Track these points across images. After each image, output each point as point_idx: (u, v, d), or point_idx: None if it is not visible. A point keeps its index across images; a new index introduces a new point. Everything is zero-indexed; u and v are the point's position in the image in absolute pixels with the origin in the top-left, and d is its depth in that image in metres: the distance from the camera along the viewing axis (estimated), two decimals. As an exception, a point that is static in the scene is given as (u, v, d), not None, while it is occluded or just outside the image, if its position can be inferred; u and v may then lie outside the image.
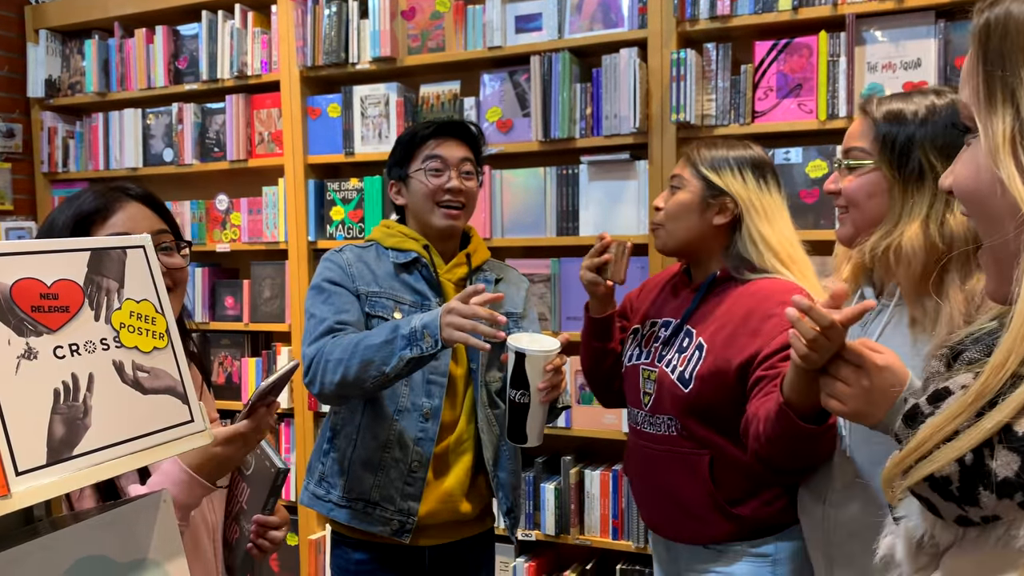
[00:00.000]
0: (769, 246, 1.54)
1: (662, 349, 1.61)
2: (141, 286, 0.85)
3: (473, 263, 1.79)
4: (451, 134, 1.76)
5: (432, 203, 1.72)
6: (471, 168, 1.77)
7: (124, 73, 3.27)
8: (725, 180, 1.56)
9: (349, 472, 1.71)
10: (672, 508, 1.57)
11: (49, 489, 0.71)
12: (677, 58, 2.36)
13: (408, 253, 1.73)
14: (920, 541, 0.62)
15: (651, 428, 1.61)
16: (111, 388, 0.79)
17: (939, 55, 2.18)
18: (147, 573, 0.85)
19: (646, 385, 1.62)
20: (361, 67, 2.84)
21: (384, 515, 1.69)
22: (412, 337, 1.53)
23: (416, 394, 1.69)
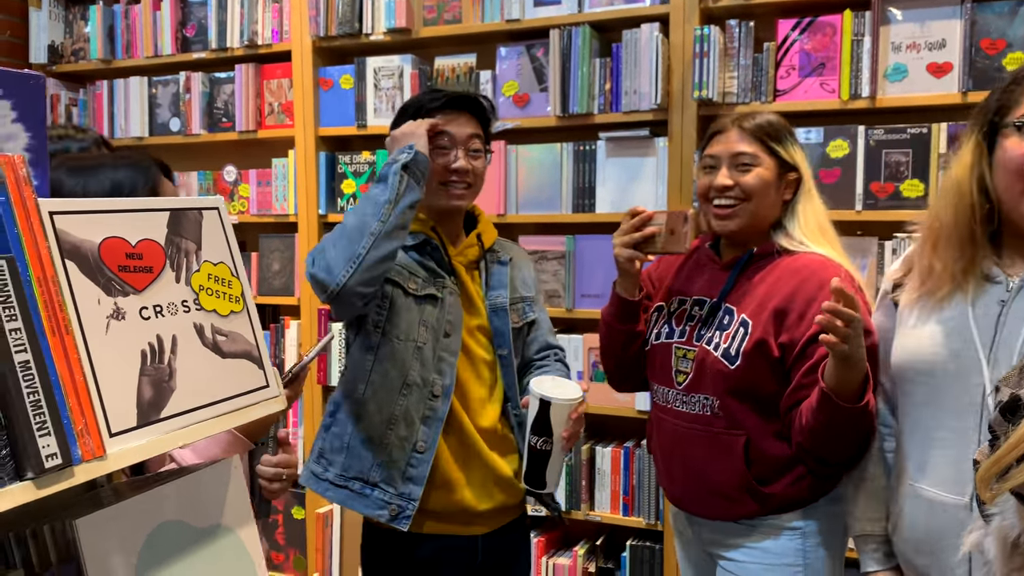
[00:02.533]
0: (818, 222, 1.56)
1: (700, 328, 1.57)
2: (217, 248, 0.84)
3: (485, 244, 1.71)
4: (460, 108, 1.64)
5: (437, 182, 1.61)
6: (480, 146, 1.65)
7: (130, 40, 3.20)
8: (791, 153, 1.55)
9: (349, 449, 1.60)
10: (701, 486, 1.56)
11: (141, 451, 0.70)
12: (700, 34, 2.35)
13: (417, 235, 1.63)
14: (1016, 541, 0.61)
15: (685, 407, 1.57)
16: (193, 351, 0.78)
17: (964, 36, 2.18)
18: (222, 539, 0.84)
19: (680, 364, 1.59)
20: (375, 38, 2.80)
21: (383, 498, 1.57)
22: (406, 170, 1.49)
23: (426, 369, 1.59)
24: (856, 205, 2.29)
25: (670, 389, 1.60)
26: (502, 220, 2.70)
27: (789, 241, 1.56)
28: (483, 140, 1.66)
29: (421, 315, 1.59)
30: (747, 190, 1.52)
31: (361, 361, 1.61)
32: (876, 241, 2.29)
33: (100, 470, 0.66)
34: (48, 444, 0.62)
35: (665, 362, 1.62)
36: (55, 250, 0.67)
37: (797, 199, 1.57)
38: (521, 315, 1.71)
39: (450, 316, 1.60)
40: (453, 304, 1.62)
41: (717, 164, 1.56)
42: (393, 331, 1.58)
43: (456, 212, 1.68)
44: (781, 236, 1.57)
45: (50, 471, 0.62)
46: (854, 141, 2.29)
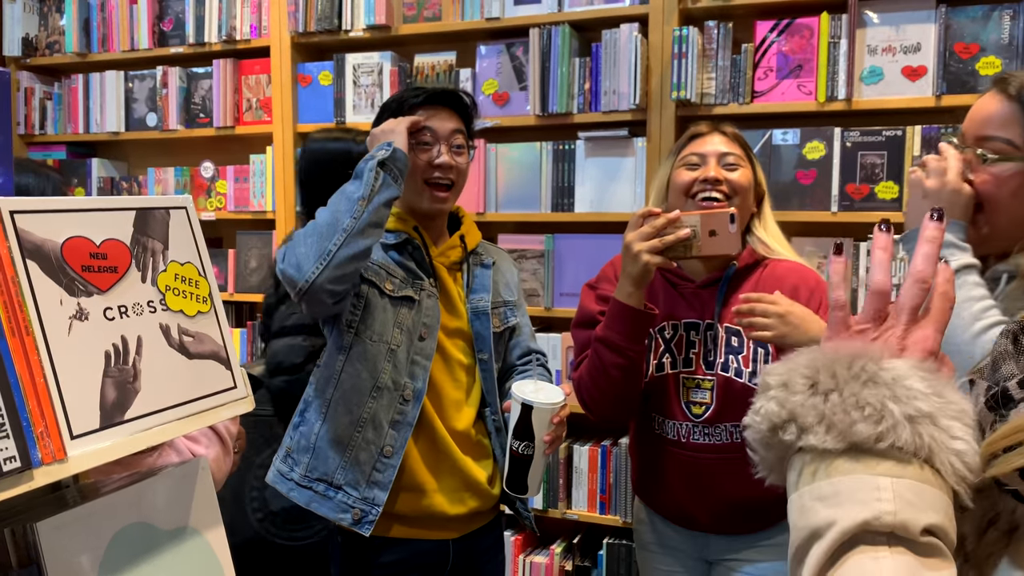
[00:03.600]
0: (777, 230, 1.64)
1: (706, 354, 1.53)
2: (184, 248, 0.83)
3: (468, 245, 1.67)
4: (442, 103, 1.60)
5: (419, 180, 1.57)
6: (462, 141, 1.61)
7: (106, 34, 3.16)
8: (756, 165, 1.62)
9: (315, 449, 1.56)
10: (727, 509, 1.54)
11: (103, 454, 0.69)
12: (679, 35, 2.36)
13: (399, 234, 1.59)
14: (993, 519, 0.62)
15: (708, 439, 1.53)
16: (158, 352, 0.77)
17: (939, 40, 2.21)
18: (189, 541, 0.83)
19: (692, 395, 1.55)
20: (354, 35, 2.79)
21: (346, 501, 1.53)
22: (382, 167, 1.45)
23: (399, 372, 1.54)
24: (832, 206, 2.31)
25: (684, 422, 1.54)
26: (481, 219, 2.70)
27: (765, 249, 1.60)
28: (466, 136, 1.63)
29: (396, 317, 1.55)
30: (735, 187, 1.55)
31: (333, 361, 1.58)
32: (851, 242, 2.31)
33: (61, 473, 0.65)
34: (6, 447, 0.61)
35: (672, 393, 1.56)
36: (15, 249, 0.66)
37: (763, 210, 1.64)
38: (503, 319, 1.68)
39: (426, 319, 1.57)
40: (431, 307, 1.58)
41: (703, 162, 1.56)
42: (366, 332, 1.55)
43: (438, 213, 1.64)
44: (757, 243, 1.61)
45: (8, 475, 0.61)
46: (830, 143, 2.31)
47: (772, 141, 2.37)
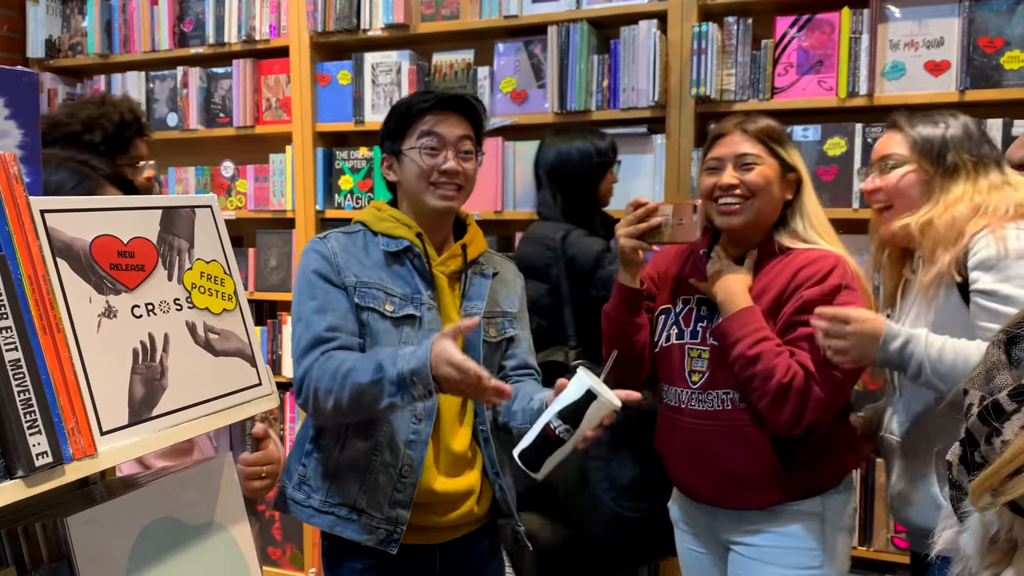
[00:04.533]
0: (819, 219, 1.62)
1: (710, 327, 1.60)
2: (210, 246, 0.84)
3: (469, 255, 1.63)
4: (450, 108, 1.58)
5: (426, 183, 1.56)
6: (470, 147, 1.60)
7: (127, 35, 3.20)
8: (791, 155, 1.61)
9: (333, 476, 1.55)
10: (723, 479, 1.58)
11: (132, 449, 0.70)
12: (698, 31, 2.34)
13: (400, 241, 1.57)
14: (995, 537, 0.61)
15: (701, 405, 1.59)
16: (185, 349, 0.78)
17: (963, 34, 2.18)
18: (215, 537, 0.84)
19: (695, 364, 1.61)
20: (373, 34, 2.80)
21: (370, 523, 1.52)
22: (401, 383, 1.38)
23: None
24: (853, 203, 2.29)
25: (684, 389, 1.62)
26: (499, 217, 2.70)
27: (792, 239, 1.61)
28: (474, 141, 1.61)
29: (400, 337, 1.53)
30: (751, 187, 1.57)
31: None
32: (873, 239, 2.29)
33: (91, 468, 0.66)
34: (39, 443, 0.63)
35: (677, 363, 1.63)
36: (46, 248, 0.67)
37: (799, 199, 1.62)
38: (500, 329, 1.65)
39: (431, 334, 1.51)
40: (432, 319, 1.56)
41: (721, 165, 1.60)
42: None
43: (445, 214, 1.61)
44: (784, 235, 1.61)
45: (41, 469, 0.63)
46: (851, 139, 2.29)
47: (792, 137, 2.34)
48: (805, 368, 1.48)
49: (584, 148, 2.14)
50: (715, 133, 1.65)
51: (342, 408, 1.45)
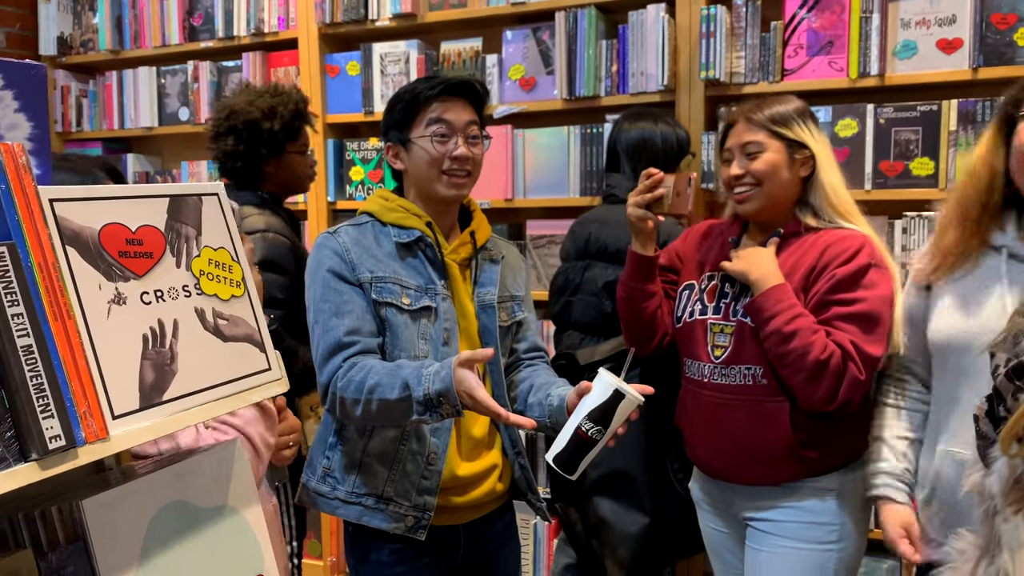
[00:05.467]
0: (840, 196, 1.63)
1: (735, 304, 1.62)
2: (217, 234, 0.85)
3: (478, 242, 1.64)
4: (456, 94, 1.59)
5: (437, 171, 1.57)
6: (477, 132, 1.61)
7: (138, 31, 3.22)
8: (798, 133, 1.61)
9: (361, 467, 1.56)
10: (741, 454, 1.60)
11: (144, 433, 0.71)
12: (707, 14, 2.33)
13: (411, 231, 1.57)
14: (1018, 477, 0.67)
15: (724, 379, 1.61)
16: (194, 335, 0.79)
17: (975, 11, 2.15)
18: (227, 520, 0.85)
19: (717, 339, 1.63)
20: (381, 24, 2.80)
21: (398, 511, 1.54)
22: (428, 403, 1.40)
23: None
24: (865, 184, 2.27)
25: (706, 363, 1.64)
26: (510, 205, 2.70)
27: (815, 219, 1.62)
28: (480, 126, 1.62)
29: (419, 329, 1.55)
30: (757, 175, 1.60)
31: None
32: (886, 220, 2.27)
33: (103, 452, 0.68)
34: (52, 426, 0.64)
35: (700, 338, 1.66)
36: (55, 236, 0.68)
37: (816, 175, 1.62)
38: (510, 313, 1.67)
39: (447, 323, 1.56)
40: (447, 309, 1.57)
41: (731, 156, 1.65)
42: (395, 351, 1.53)
43: (454, 202, 1.63)
44: (807, 214, 1.63)
45: (54, 452, 0.64)
46: (863, 120, 2.27)
47: (803, 119, 2.33)
48: (843, 347, 1.49)
49: (668, 134, 2.12)
50: (726, 123, 1.69)
51: (371, 418, 1.47)
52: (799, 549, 1.58)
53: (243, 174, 2.10)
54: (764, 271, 1.55)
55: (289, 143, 2.11)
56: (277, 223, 2.03)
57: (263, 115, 2.05)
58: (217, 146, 2.11)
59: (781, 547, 1.59)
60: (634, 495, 1.89)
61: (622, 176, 2.12)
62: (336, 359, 1.49)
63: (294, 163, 2.14)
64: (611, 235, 2.04)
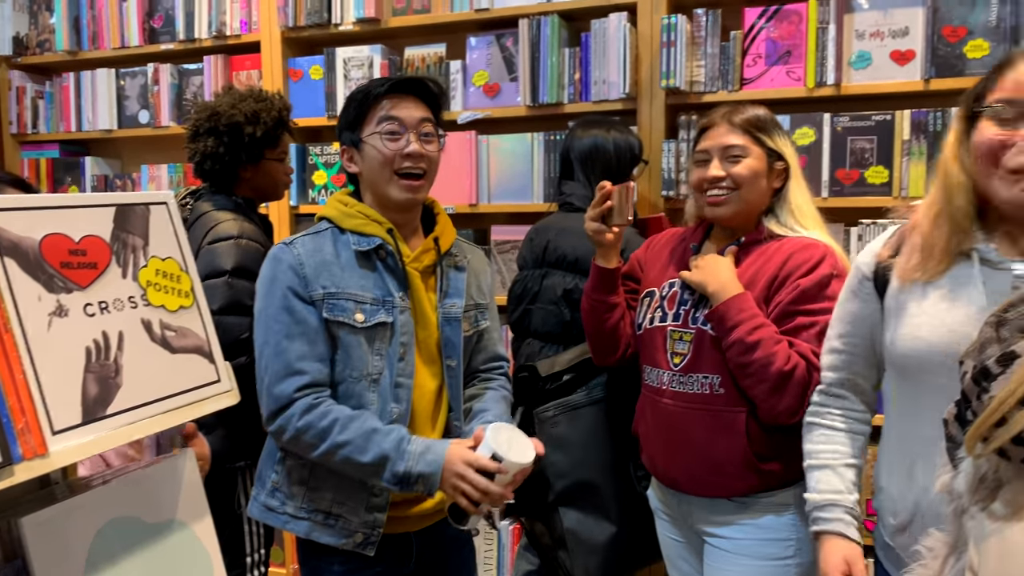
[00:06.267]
0: (807, 207, 1.64)
1: (694, 311, 1.61)
2: (166, 243, 0.83)
3: (442, 247, 1.59)
4: (408, 91, 1.54)
5: (390, 171, 1.51)
6: (431, 130, 1.55)
7: (96, 31, 3.16)
8: (777, 143, 1.63)
9: (310, 484, 1.53)
10: (699, 465, 1.59)
11: (86, 448, 0.70)
12: (667, 23, 2.35)
13: (371, 239, 1.52)
14: (983, 477, 0.70)
15: (682, 387, 1.60)
16: (141, 347, 0.78)
17: (927, 23, 2.20)
18: (175, 534, 0.84)
19: (676, 346, 1.62)
20: (344, 28, 2.79)
21: (348, 527, 1.51)
22: (405, 480, 1.42)
23: (384, 400, 1.51)
24: (822, 192, 2.31)
25: (665, 371, 1.63)
26: (475, 210, 2.71)
27: (779, 227, 1.63)
28: (435, 124, 1.57)
29: (373, 346, 1.51)
30: (737, 180, 1.59)
31: None
32: (842, 227, 2.31)
33: (42, 468, 0.66)
34: (-12, 442, 0.62)
35: (660, 345, 1.65)
36: (-6, 248, 0.67)
37: (786, 187, 1.63)
38: (473, 323, 1.65)
39: (403, 337, 1.52)
40: (405, 322, 1.53)
41: (709, 157, 1.62)
42: (347, 371, 1.50)
43: (409, 207, 1.58)
44: (772, 222, 1.64)
45: (-10, 469, 0.63)
46: (820, 128, 2.31)
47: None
48: (806, 358, 1.49)
49: (620, 141, 2.10)
50: (702, 125, 1.67)
51: (329, 464, 1.46)
52: (758, 566, 1.57)
53: (219, 177, 2.08)
54: (722, 281, 1.54)
55: (269, 149, 2.08)
56: (251, 229, 2.00)
57: (246, 119, 2.02)
58: (195, 146, 2.07)
59: (740, 565, 1.58)
60: (600, 505, 1.88)
61: (576, 184, 2.12)
62: (286, 387, 1.46)
63: (272, 170, 2.12)
64: (569, 243, 2.04)
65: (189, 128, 2.10)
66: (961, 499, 0.73)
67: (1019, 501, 0.66)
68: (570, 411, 1.87)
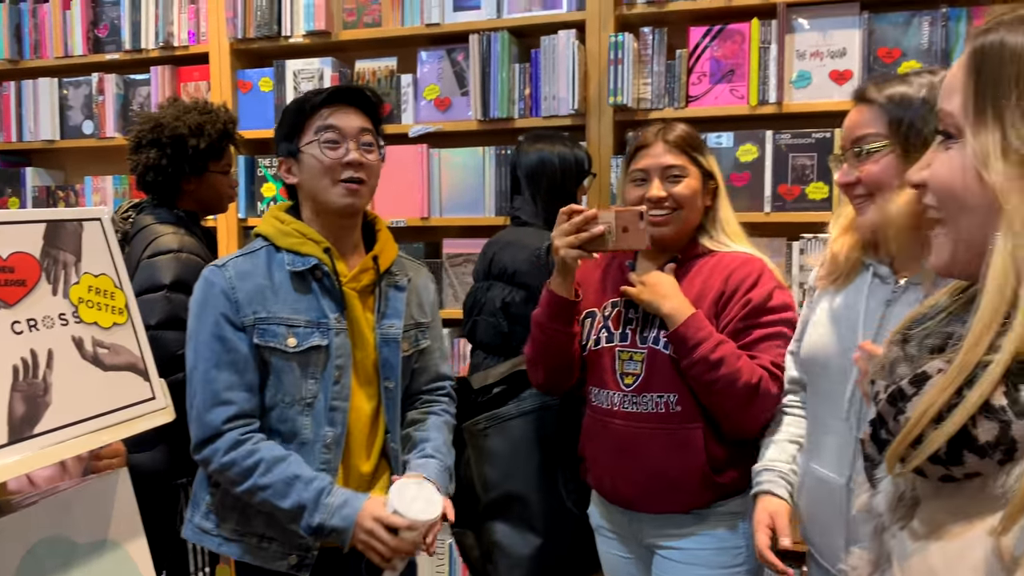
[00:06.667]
0: (733, 224, 1.68)
1: (641, 330, 1.61)
2: (99, 260, 0.83)
3: (381, 266, 1.57)
4: (346, 101, 1.53)
5: (330, 180, 1.49)
6: (371, 139, 1.54)
7: (38, 40, 3.10)
8: (710, 163, 1.66)
9: (242, 505, 1.51)
10: (655, 483, 1.58)
11: (12, 468, 0.69)
12: (615, 41, 2.40)
13: (306, 259, 1.50)
14: (902, 495, 0.72)
15: (635, 407, 1.59)
16: (71, 365, 0.77)
17: (863, 45, 2.28)
18: (108, 554, 0.83)
19: (626, 366, 1.62)
20: (295, 40, 2.78)
21: (281, 550, 1.50)
22: (319, 531, 1.44)
23: (318, 423, 1.50)
24: (765, 207, 2.37)
25: (615, 392, 1.62)
26: (426, 223, 2.71)
27: (712, 242, 1.66)
28: (375, 134, 1.56)
29: (306, 370, 1.50)
30: (679, 200, 1.61)
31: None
32: (784, 242, 2.37)
33: (-34, 489, 0.65)
34: (-93, 464, 0.61)
35: (608, 366, 1.63)
36: (-84, 265, 0.66)
37: (717, 205, 1.67)
38: (413, 343, 1.64)
39: (339, 360, 1.51)
40: (340, 344, 1.51)
41: (647, 177, 1.63)
42: (279, 396, 1.50)
43: (352, 215, 1.56)
44: (705, 238, 1.67)
45: (-91, 491, 0.61)
46: (762, 145, 2.37)
47: (707, 144, 2.41)
48: (767, 370, 1.52)
49: (566, 155, 2.10)
50: (637, 144, 1.67)
51: (249, 500, 1.47)
52: (710, 575, 1.59)
53: (161, 189, 2.05)
54: (676, 303, 1.54)
55: (212, 162, 2.06)
56: (191, 243, 1.97)
57: (190, 131, 2.00)
58: (137, 158, 2.04)
59: (692, 574, 1.60)
60: (526, 517, 1.88)
61: (523, 199, 2.13)
62: (214, 417, 1.46)
63: (215, 182, 2.09)
64: (510, 256, 2.06)
65: (132, 139, 2.07)
66: (881, 517, 0.74)
67: (937, 519, 0.67)
68: (500, 423, 1.88)
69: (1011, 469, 0.61)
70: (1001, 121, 0.65)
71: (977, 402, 0.61)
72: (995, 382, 0.61)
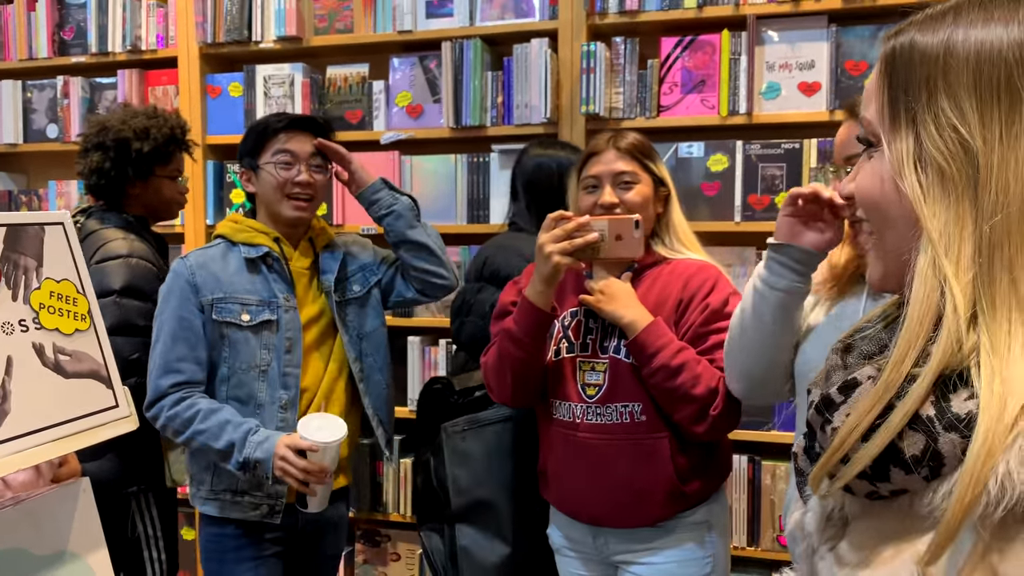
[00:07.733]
0: (686, 231, 1.68)
1: (602, 339, 1.60)
2: (61, 265, 0.81)
3: (318, 246, 1.90)
4: (301, 128, 1.84)
5: (282, 194, 1.81)
6: (320, 162, 1.86)
7: (2, 41, 3.03)
8: (661, 170, 1.66)
9: (215, 469, 1.79)
10: (623, 496, 1.56)
11: (-32, 478, 0.67)
12: (587, 50, 2.41)
13: (259, 248, 1.80)
14: (830, 514, 0.67)
15: (599, 419, 1.57)
16: (31, 372, 0.75)
17: (831, 57, 2.32)
18: (67, 566, 0.81)
19: (587, 377, 1.60)
20: (265, 46, 2.75)
21: (254, 501, 1.79)
22: (246, 465, 1.69)
23: (272, 388, 1.79)
24: (735, 216, 2.39)
25: (578, 403, 1.59)
26: (397, 231, 2.69)
27: (666, 250, 1.67)
28: (324, 158, 1.87)
29: (260, 341, 1.78)
30: (630, 207, 1.60)
31: (215, 393, 1.79)
32: (754, 251, 2.40)
33: (-82, 500, 0.63)
34: None
35: (569, 376, 1.61)
36: None
37: (669, 212, 1.67)
38: (363, 284, 1.92)
39: (289, 333, 1.79)
40: (290, 319, 1.80)
41: (599, 184, 1.62)
42: (237, 364, 1.77)
43: (299, 223, 1.86)
44: (659, 246, 1.67)
45: None
46: (733, 155, 2.40)
47: (678, 154, 2.44)
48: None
49: (565, 161, 2.06)
50: (588, 151, 1.67)
51: (191, 446, 1.76)
52: None
53: (106, 192, 2.02)
54: (636, 313, 1.53)
55: (159, 167, 2.04)
56: (141, 248, 1.95)
57: (135, 135, 1.99)
58: (84, 161, 2.02)
59: None
60: (496, 524, 1.86)
61: (519, 204, 2.13)
62: (164, 381, 1.74)
63: (162, 187, 2.07)
64: (505, 260, 2.05)
65: (80, 143, 2.05)
66: (810, 538, 0.70)
67: (865, 542, 0.63)
68: (477, 427, 1.87)
69: (937, 487, 0.57)
70: (915, 126, 0.61)
71: (903, 420, 0.57)
72: (921, 398, 0.57)
